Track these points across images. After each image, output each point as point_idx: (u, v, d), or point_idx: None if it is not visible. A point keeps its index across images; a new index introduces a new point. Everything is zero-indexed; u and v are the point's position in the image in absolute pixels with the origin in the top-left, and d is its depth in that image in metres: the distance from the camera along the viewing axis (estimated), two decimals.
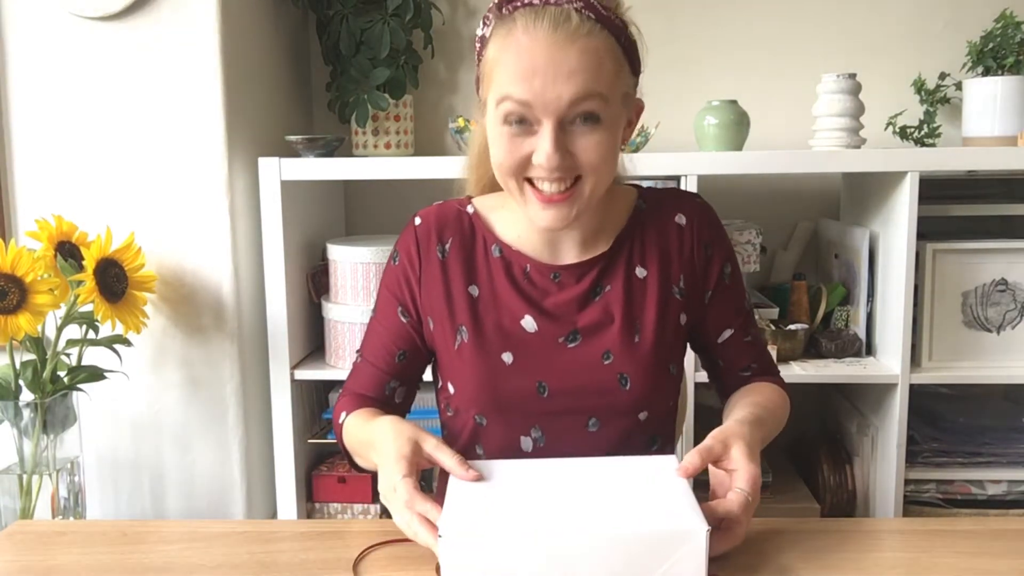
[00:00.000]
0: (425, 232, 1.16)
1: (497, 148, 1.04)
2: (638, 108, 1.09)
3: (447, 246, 1.15)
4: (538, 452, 1.12)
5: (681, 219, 1.16)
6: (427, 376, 1.22)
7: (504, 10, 1.02)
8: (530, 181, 1.04)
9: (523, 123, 1.01)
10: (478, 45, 1.07)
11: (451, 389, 1.15)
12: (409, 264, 1.16)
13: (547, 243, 1.14)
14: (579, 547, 0.84)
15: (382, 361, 1.17)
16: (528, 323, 1.12)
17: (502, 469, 0.99)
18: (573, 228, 1.11)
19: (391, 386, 1.17)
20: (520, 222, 1.14)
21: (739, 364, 1.20)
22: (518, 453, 1.12)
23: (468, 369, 1.12)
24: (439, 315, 1.14)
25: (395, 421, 1.02)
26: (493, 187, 1.16)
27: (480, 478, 0.95)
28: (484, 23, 1.05)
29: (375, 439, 1.02)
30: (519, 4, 1.01)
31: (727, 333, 1.18)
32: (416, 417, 1.28)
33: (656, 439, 1.16)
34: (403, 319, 1.16)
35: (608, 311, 1.12)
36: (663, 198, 1.19)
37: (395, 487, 0.93)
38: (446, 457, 0.96)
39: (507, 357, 1.11)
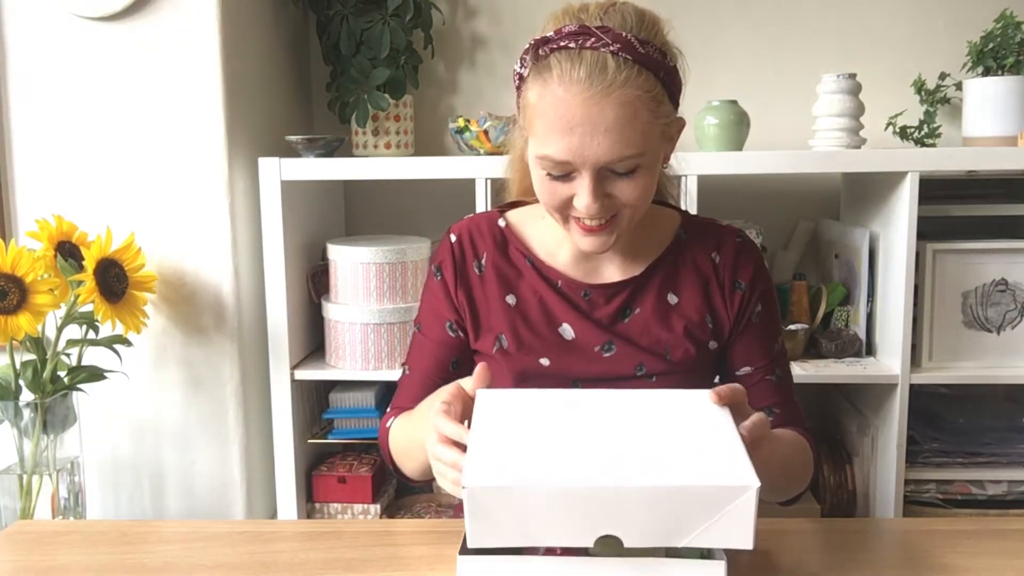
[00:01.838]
0: (461, 249, 1.19)
1: (540, 190, 1.06)
2: (679, 125, 1.09)
3: (483, 261, 1.18)
4: None
5: (716, 257, 1.17)
6: None
7: (540, 51, 1.00)
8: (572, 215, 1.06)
9: (562, 172, 1.02)
10: (516, 81, 1.06)
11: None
12: (450, 280, 1.18)
13: (581, 261, 1.16)
14: (618, 500, 0.78)
15: (434, 371, 1.19)
16: (566, 330, 1.14)
17: (532, 402, 0.92)
18: (611, 246, 1.12)
19: None
20: (555, 238, 1.17)
21: (758, 404, 1.16)
22: None
23: (505, 369, 1.14)
24: (480, 326, 1.17)
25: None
26: (533, 192, 1.17)
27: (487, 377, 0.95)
28: (521, 63, 1.04)
29: (422, 409, 1.05)
30: (555, 47, 0.99)
31: (746, 369, 1.18)
32: None
33: None
34: (451, 333, 1.18)
35: (636, 331, 1.14)
36: (704, 232, 1.19)
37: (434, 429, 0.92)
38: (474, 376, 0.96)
39: (544, 361, 1.13)
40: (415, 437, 1.06)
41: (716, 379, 1.21)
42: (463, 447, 0.87)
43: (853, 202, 2.00)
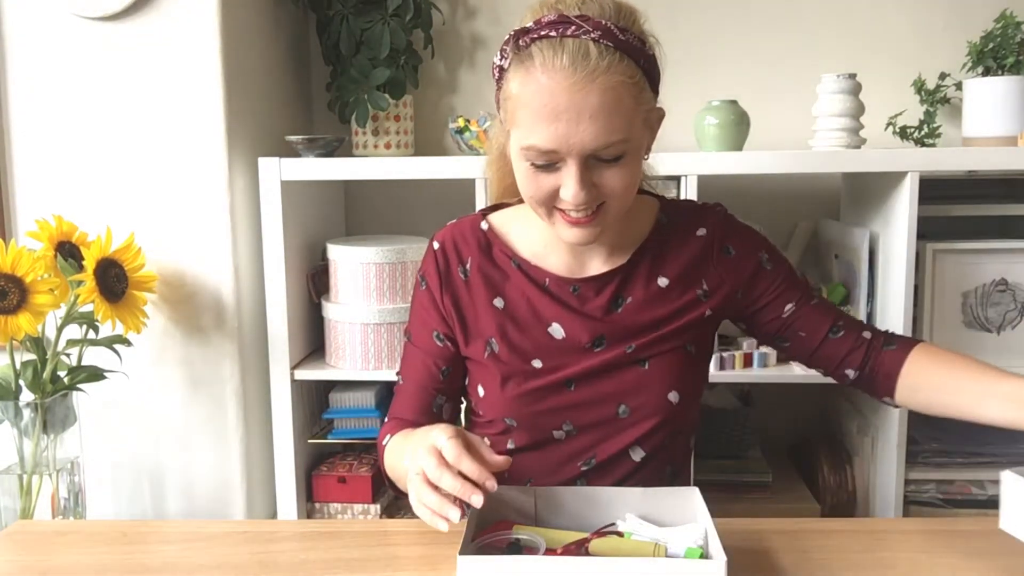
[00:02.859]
0: (445, 256, 1.19)
1: (524, 183, 1.05)
2: (659, 115, 1.09)
3: (467, 266, 1.18)
4: (571, 440, 1.13)
5: (702, 231, 1.18)
6: None
7: (521, 42, 1.00)
8: (557, 207, 1.06)
9: (548, 162, 1.01)
10: (496, 74, 1.06)
11: (481, 392, 1.16)
12: (435, 289, 1.18)
13: (567, 257, 1.16)
14: None
15: (427, 380, 1.19)
16: (556, 330, 1.14)
17: None
18: (596, 239, 1.12)
19: (438, 403, 1.19)
20: (540, 237, 1.16)
21: (823, 327, 1.18)
22: (551, 442, 1.14)
23: (498, 377, 1.14)
24: (469, 332, 1.17)
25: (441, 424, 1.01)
26: (515, 191, 1.16)
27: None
28: (501, 55, 1.04)
29: (414, 438, 1.02)
30: (536, 36, 0.99)
31: (790, 307, 1.18)
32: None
33: (683, 431, 1.18)
34: (438, 343, 1.18)
35: (631, 320, 1.14)
36: (685, 213, 1.20)
37: (433, 447, 0.91)
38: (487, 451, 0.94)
39: (536, 363, 1.13)
40: (405, 452, 1.05)
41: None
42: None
43: (853, 202, 2.00)
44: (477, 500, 0.87)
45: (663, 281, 1.16)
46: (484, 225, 1.20)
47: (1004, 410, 1.02)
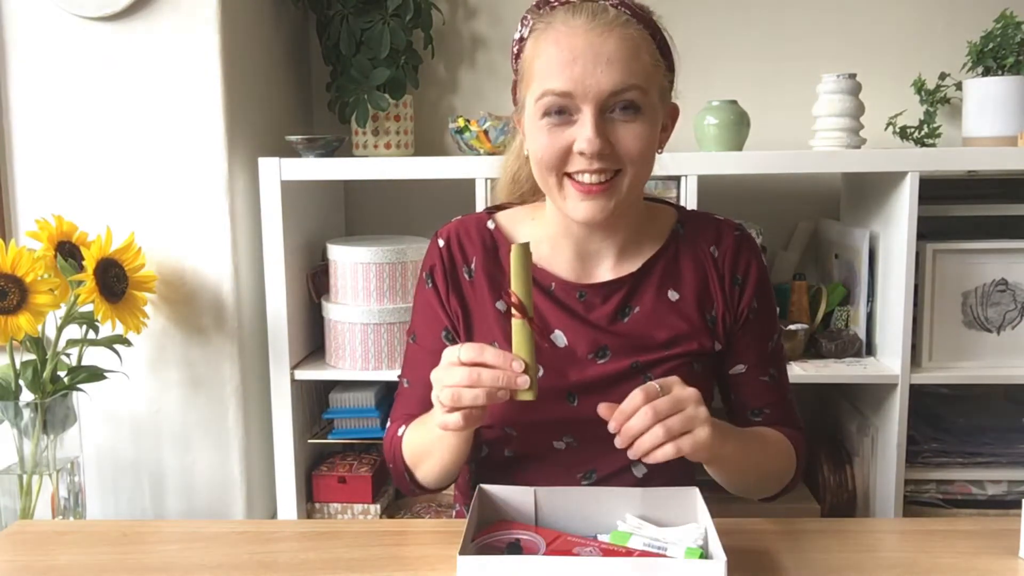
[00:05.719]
0: (450, 254, 1.16)
1: (537, 143, 1.03)
2: (673, 113, 1.09)
3: (472, 266, 1.15)
4: (571, 452, 1.11)
5: (715, 250, 1.15)
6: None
7: (542, 10, 1.05)
8: (570, 175, 1.03)
9: (563, 113, 1.01)
10: (515, 49, 1.08)
11: None
12: (442, 286, 1.15)
13: (574, 261, 1.13)
14: None
15: None
16: (558, 338, 1.11)
17: None
18: (606, 242, 1.10)
19: None
20: (547, 238, 1.13)
21: (750, 404, 1.15)
22: (550, 452, 1.12)
23: None
24: (472, 334, 1.14)
25: None
26: (520, 184, 1.16)
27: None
28: (522, 24, 1.07)
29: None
30: (556, 3, 1.03)
31: (739, 367, 1.15)
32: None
33: None
34: (447, 341, 1.15)
35: (636, 331, 1.11)
36: (702, 226, 1.17)
37: (449, 363, 0.94)
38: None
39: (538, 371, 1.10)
40: (435, 430, 1.03)
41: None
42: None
43: (853, 202, 2.01)
44: (523, 380, 0.91)
45: (673, 295, 1.12)
46: (491, 224, 1.17)
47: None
